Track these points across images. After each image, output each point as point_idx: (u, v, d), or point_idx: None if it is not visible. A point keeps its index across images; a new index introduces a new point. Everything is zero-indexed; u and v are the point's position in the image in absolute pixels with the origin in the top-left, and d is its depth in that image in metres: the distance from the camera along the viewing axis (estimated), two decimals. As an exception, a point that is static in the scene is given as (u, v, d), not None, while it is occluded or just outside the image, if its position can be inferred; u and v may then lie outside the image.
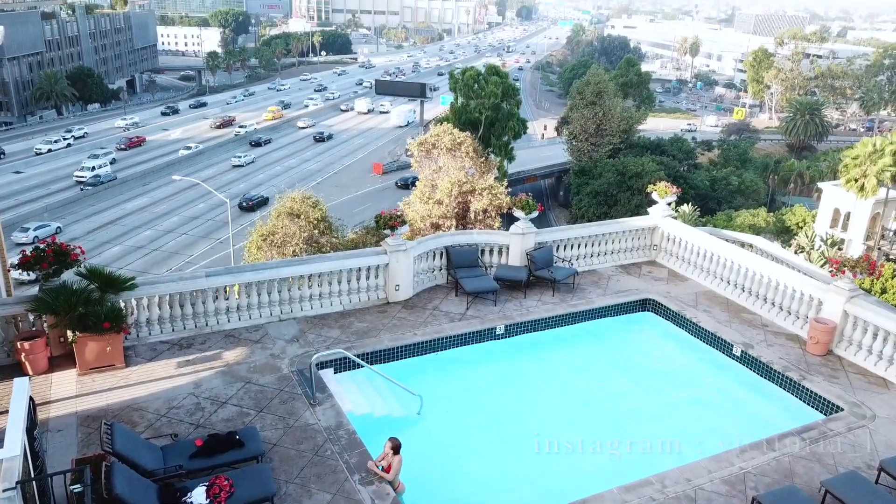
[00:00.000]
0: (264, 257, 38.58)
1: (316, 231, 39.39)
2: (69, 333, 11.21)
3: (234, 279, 13.33)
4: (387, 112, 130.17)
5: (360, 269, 14.23)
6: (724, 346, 13.89)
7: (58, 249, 11.30)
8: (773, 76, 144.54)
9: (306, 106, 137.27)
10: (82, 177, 79.72)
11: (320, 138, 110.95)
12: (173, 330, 12.85)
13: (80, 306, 11.07)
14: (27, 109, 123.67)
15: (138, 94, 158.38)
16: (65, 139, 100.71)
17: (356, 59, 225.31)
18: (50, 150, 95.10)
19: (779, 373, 12.76)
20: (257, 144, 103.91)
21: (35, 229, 61.03)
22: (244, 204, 72.64)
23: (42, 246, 11.36)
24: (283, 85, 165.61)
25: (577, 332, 14.59)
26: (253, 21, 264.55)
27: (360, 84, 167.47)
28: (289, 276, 13.60)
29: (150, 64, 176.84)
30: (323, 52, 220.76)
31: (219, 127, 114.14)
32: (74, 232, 64.96)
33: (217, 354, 12.32)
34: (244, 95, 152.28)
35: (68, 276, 11.65)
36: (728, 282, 15.80)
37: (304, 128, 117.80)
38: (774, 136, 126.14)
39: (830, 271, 13.43)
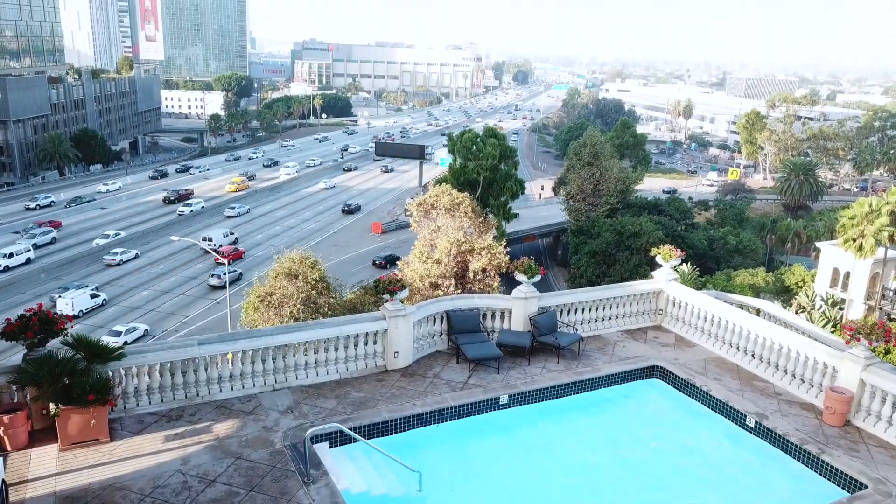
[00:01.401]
0: (261, 318, 38.04)
1: (314, 292, 39.01)
2: (52, 406, 10.66)
3: (228, 347, 12.84)
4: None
5: (357, 336, 13.78)
6: (736, 417, 13.31)
7: (44, 318, 10.88)
8: (766, 137, 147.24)
9: (288, 174, 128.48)
10: None
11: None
12: (162, 401, 12.29)
13: (65, 377, 10.58)
14: (30, 170, 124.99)
15: (140, 156, 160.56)
16: (28, 208, 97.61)
17: (356, 121, 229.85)
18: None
19: (796, 445, 12.17)
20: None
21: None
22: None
23: (27, 314, 10.94)
24: (254, 154, 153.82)
25: (583, 402, 14.02)
26: (255, 85, 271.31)
27: (345, 150, 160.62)
28: (284, 343, 13.13)
29: (153, 126, 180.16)
30: (324, 115, 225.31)
31: (171, 202, 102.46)
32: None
33: (207, 427, 11.73)
34: (227, 160, 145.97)
35: (54, 344, 11.21)
36: (738, 348, 15.33)
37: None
38: (770, 196, 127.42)
39: (845, 338, 12.98)
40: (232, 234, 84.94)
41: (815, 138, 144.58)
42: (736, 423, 13.28)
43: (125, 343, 57.75)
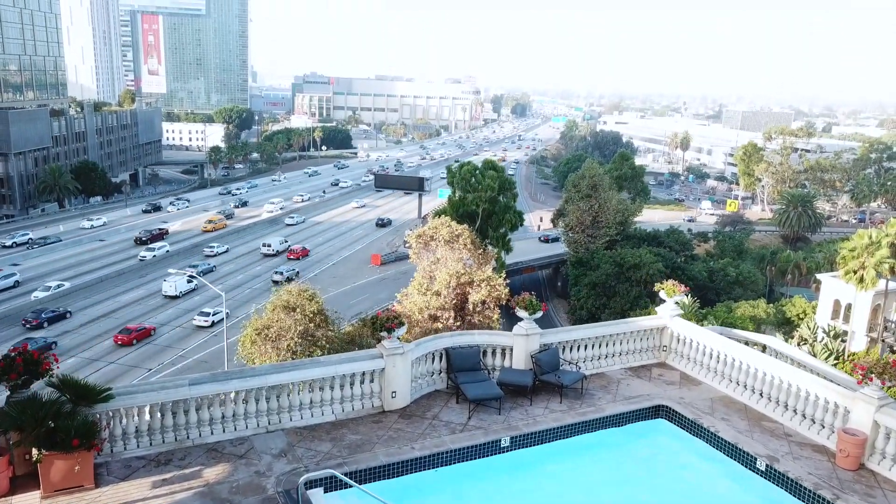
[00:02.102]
0: (258, 352, 37.48)
1: (312, 324, 38.54)
2: (34, 451, 10.23)
3: (219, 388, 12.43)
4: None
5: (353, 375, 13.38)
6: (746, 459, 12.84)
7: (28, 358, 10.50)
8: (763, 169, 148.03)
9: (270, 212, 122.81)
10: None
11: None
12: (151, 444, 11.84)
13: (50, 420, 10.17)
14: (30, 202, 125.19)
15: (141, 188, 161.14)
16: (4, 245, 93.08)
17: (356, 153, 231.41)
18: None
19: (810, 491, 11.69)
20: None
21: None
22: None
23: (12, 354, 10.57)
24: (240, 188, 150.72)
25: (587, 443, 13.56)
26: (256, 118, 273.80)
27: (336, 185, 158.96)
28: (278, 383, 12.72)
29: (154, 158, 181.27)
30: (324, 147, 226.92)
31: (143, 242, 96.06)
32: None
33: (197, 472, 11.26)
34: (221, 193, 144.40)
35: (39, 385, 10.81)
36: (745, 386, 14.91)
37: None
38: (768, 228, 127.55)
39: (856, 377, 12.59)
40: (286, 241, 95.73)
41: (813, 170, 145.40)
42: (746, 466, 12.81)
43: (212, 321, 63.81)
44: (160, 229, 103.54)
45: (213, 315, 65.34)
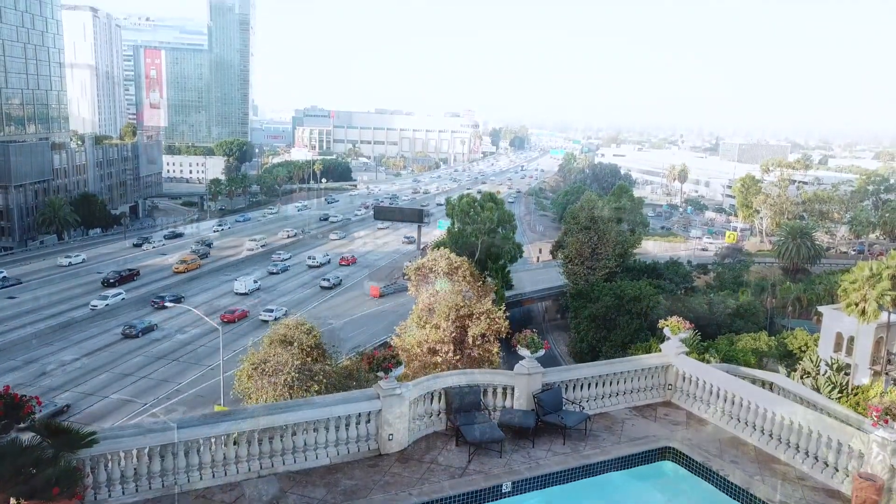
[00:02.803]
0: (255, 387, 36.85)
1: (309, 359, 37.96)
2: (12, 501, 9.73)
3: (209, 430, 11.96)
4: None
5: (349, 417, 12.91)
6: (758, 505, 12.32)
7: (9, 401, 10.04)
8: (761, 201, 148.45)
9: (251, 249, 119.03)
10: None
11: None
12: (137, 490, 11.33)
13: (31, 467, 9.69)
14: (29, 234, 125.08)
15: (141, 220, 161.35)
16: None
17: (356, 185, 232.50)
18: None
19: (826, 539, 11.18)
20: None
21: None
22: None
23: (-8, 398, 10.10)
24: (218, 228, 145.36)
25: (591, 487, 13.04)
26: (257, 150, 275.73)
27: (325, 219, 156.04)
28: (270, 426, 12.25)
29: (154, 190, 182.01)
30: (324, 179, 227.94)
31: (111, 284, 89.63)
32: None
33: (184, 521, 10.76)
34: (214, 230, 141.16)
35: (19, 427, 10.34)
36: (754, 427, 14.42)
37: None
38: (767, 259, 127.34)
39: (871, 419, 12.14)
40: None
41: (811, 202, 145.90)
42: (757, 513, 12.29)
43: (275, 316, 70.12)
44: (130, 270, 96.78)
45: (276, 311, 76.17)
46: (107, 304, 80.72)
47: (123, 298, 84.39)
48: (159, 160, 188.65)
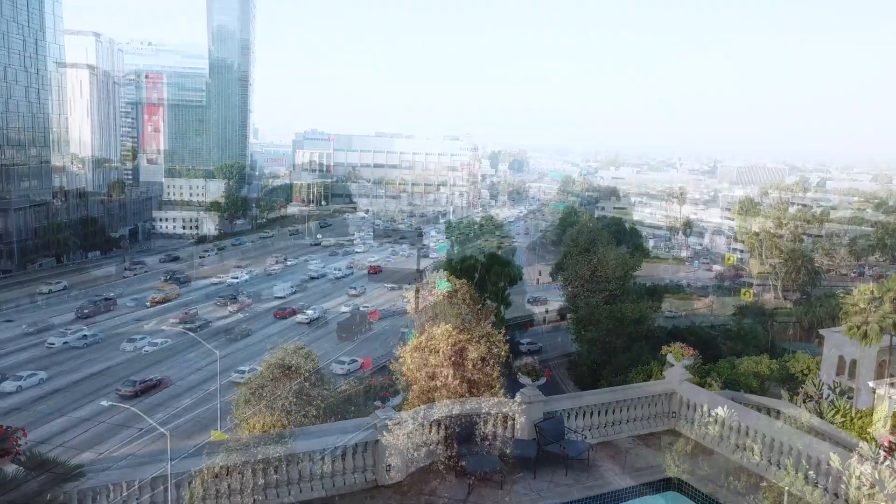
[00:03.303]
0: (252, 412, 36.35)
1: (307, 384, 37.54)
2: (-5, 537, 9.39)
3: (202, 461, 11.63)
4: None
5: (346, 448, 12.58)
6: (767, 539, 11.94)
7: (-6, 434, 9.77)
8: (761, 224, 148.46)
9: (236, 277, 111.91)
10: None
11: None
12: (126, 525, 10.98)
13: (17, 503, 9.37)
14: (28, 257, 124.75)
15: (140, 242, 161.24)
16: None
17: (356, 208, 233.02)
18: None
19: (839, 576, 10.79)
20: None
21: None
22: None
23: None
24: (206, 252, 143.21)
25: (595, 520, 12.67)
26: (257, 173, 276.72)
27: (317, 244, 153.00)
28: (265, 457, 11.91)
29: (154, 213, 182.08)
30: (323, 202, 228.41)
31: (87, 316, 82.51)
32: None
33: (173, 557, 10.38)
34: (205, 253, 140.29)
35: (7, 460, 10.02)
36: (761, 456, 14.07)
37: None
38: (767, 282, 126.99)
39: (882, 450, 11.82)
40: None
41: (810, 224, 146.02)
42: (767, 547, 11.91)
43: (310, 318, 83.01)
44: (107, 299, 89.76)
45: (310, 312, 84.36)
46: (65, 342, 71.01)
47: (85, 336, 73.88)
48: (159, 183, 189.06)
